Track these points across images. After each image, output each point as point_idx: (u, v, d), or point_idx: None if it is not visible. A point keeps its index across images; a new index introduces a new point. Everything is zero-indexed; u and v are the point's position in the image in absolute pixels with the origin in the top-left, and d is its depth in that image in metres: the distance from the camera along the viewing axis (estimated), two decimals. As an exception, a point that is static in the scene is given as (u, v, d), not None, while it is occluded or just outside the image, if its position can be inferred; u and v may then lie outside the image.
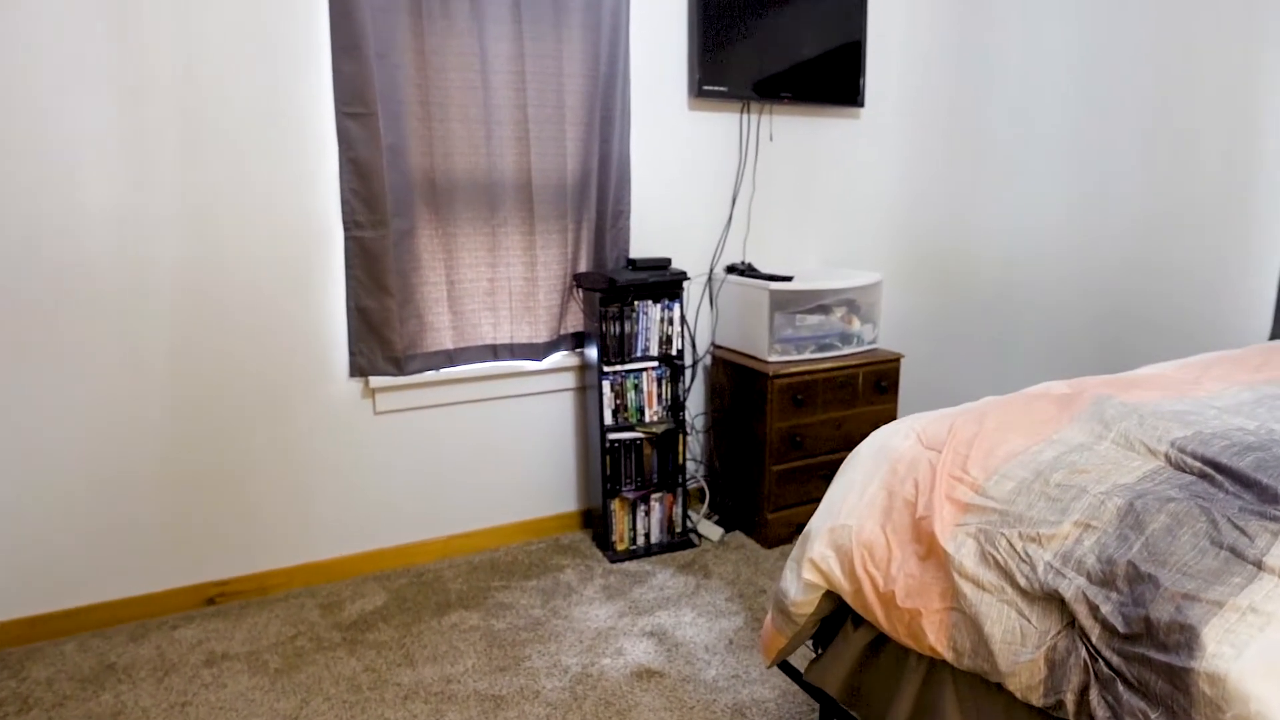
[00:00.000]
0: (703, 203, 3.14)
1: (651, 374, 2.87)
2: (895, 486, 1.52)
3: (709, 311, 3.21)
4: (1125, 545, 1.22)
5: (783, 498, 2.93)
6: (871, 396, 3.02)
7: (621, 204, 2.97)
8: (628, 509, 2.91)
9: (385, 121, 2.53)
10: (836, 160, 3.36)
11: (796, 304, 2.92)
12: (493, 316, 2.82)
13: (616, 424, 2.85)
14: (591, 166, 2.87)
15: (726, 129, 3.12)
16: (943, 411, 1.68)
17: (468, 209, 2.72)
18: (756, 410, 2.91)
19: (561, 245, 2.87)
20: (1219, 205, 3.03)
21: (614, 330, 2.79)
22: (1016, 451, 1.46)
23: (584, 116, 2.82)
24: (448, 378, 2.78)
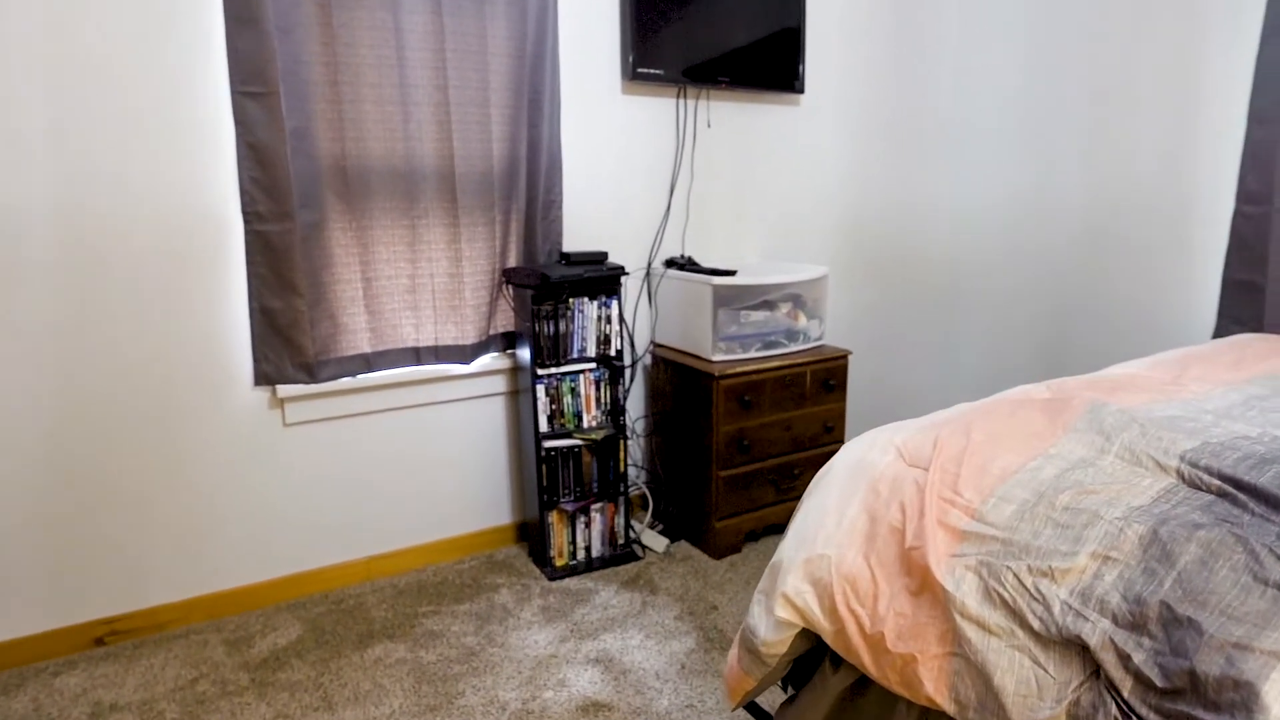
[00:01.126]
0: (639, 193, 2.90)
1: (589, 376, 2.62)
2: (878, 510, 1.31)
3: (648, 308, 2.98)
4: (1154, 581, 1.04)
5: (730, 505, 2.72)
6: (819, 396, 2.84)
7: (553, 194, 2.71)
8: (566, 522, 2.66)
9: (288, 102, 2.21)
10: (777, 149, 3.17)
11: (741, 300, 2.72)
12: (414, 317, 2.53)
13: (553, 431, 2.59)
14: (520, 153, 2.59)
15: (662, 115, 2.89)
16: (921, 422, 1.48)
17: (384, 199, 2.42)
18: (701, 413, 2.69)
19: (489, 239, 2.59)
20: (1160, 200, 2.96)
21: (548, 330, 2.53)
22: (1012, 469, 1.28)
23: (510, 99, 2.54)
24: (366, 384, 2.47)
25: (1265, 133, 2.63)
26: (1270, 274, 2.65)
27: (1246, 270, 2.72)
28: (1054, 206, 3.31)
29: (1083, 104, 3.15)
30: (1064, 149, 3.24)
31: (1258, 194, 2.67)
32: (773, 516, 2.83)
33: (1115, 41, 3.03)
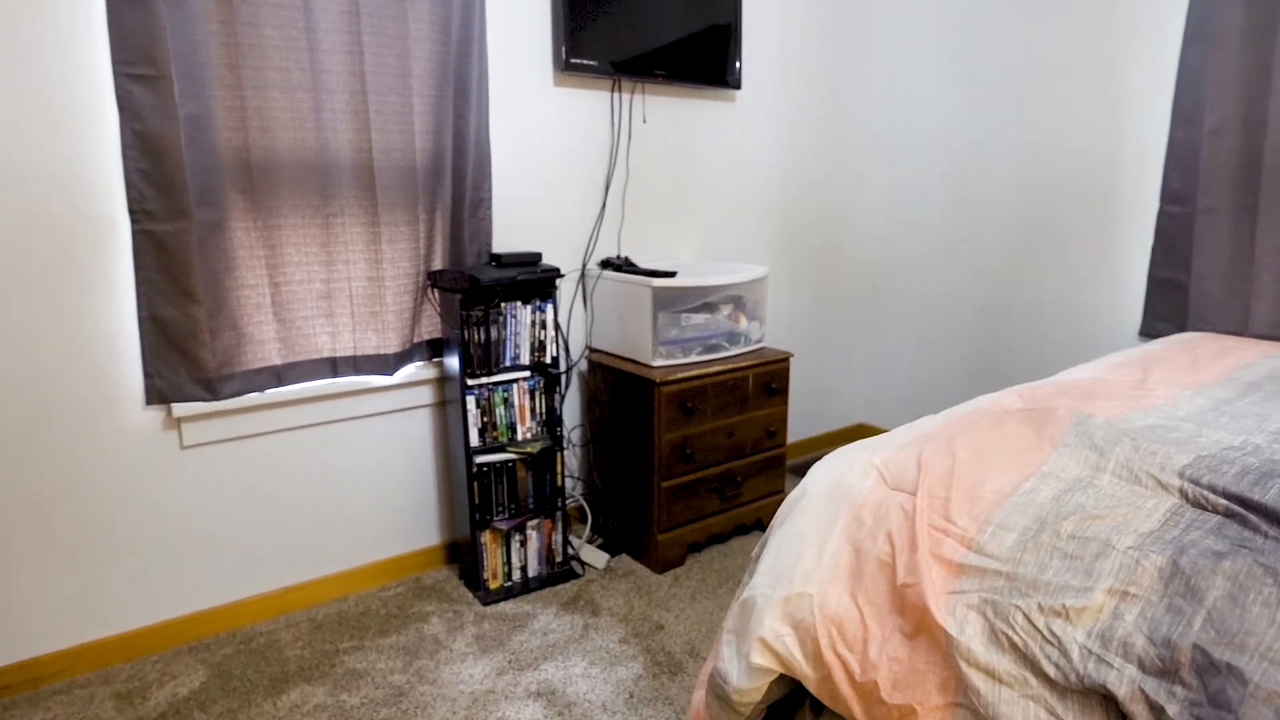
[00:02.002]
0: (573, 190, 2.71)
1: (523, 385, 2.42)
2: (863, 541, 1.17)
3: (583, 311, 2.79)
4: (1181, 620, 0.93)
5: (673, 516, 2.57)
6: (761, 400, 2.71)
7: (481, 191, 2.49)
8: (500, 541, 2.45)
9: (181, 86, 1.93)
10: (713, 146, 3.03)
11: (681, 302, 2.56)
12: (330, 325, 2.27)
13: (484, 445, 2.38)
14: (445, 146, 2.37)
15: (597, 109, 2.70)
16: (897, 437, 1.35)
17: (294, 196, 2.16)
18: (642, 421, 2.53)
19: (412, 239, 2.35)
20: (1087, 200, 2.94)
21: (478, 337, 2.32)
22: (1005, 491, 1.15)
23: (435, 87, 2.31)
24: (276, 400, 2.21)
25: (1188, 134, 2.64)
26: (1194, 272, 2.66)
27: (1171, 268, 2.73)
28: (983, 207, 3.28)
29: (1009, 105, 3.12)
30: (991, 150, 3.21)
31: (1181, 194, 2.67)
32: (716, 526, 2.69)
33: (1042, 44, 3.01)
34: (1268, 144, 2.45)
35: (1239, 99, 2.50)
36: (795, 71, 3.21)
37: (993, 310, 3.29)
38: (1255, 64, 2.46)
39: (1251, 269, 2.52)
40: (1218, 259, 2.61)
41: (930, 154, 3.43)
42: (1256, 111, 2.47)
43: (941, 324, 3.48)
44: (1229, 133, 2.54)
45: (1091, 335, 2.99)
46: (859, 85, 3.45)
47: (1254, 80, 2.47)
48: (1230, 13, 2.48)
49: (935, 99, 3.38)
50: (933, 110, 3.39)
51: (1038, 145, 3.07)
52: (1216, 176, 2.58)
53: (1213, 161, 2.58)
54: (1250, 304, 2.54)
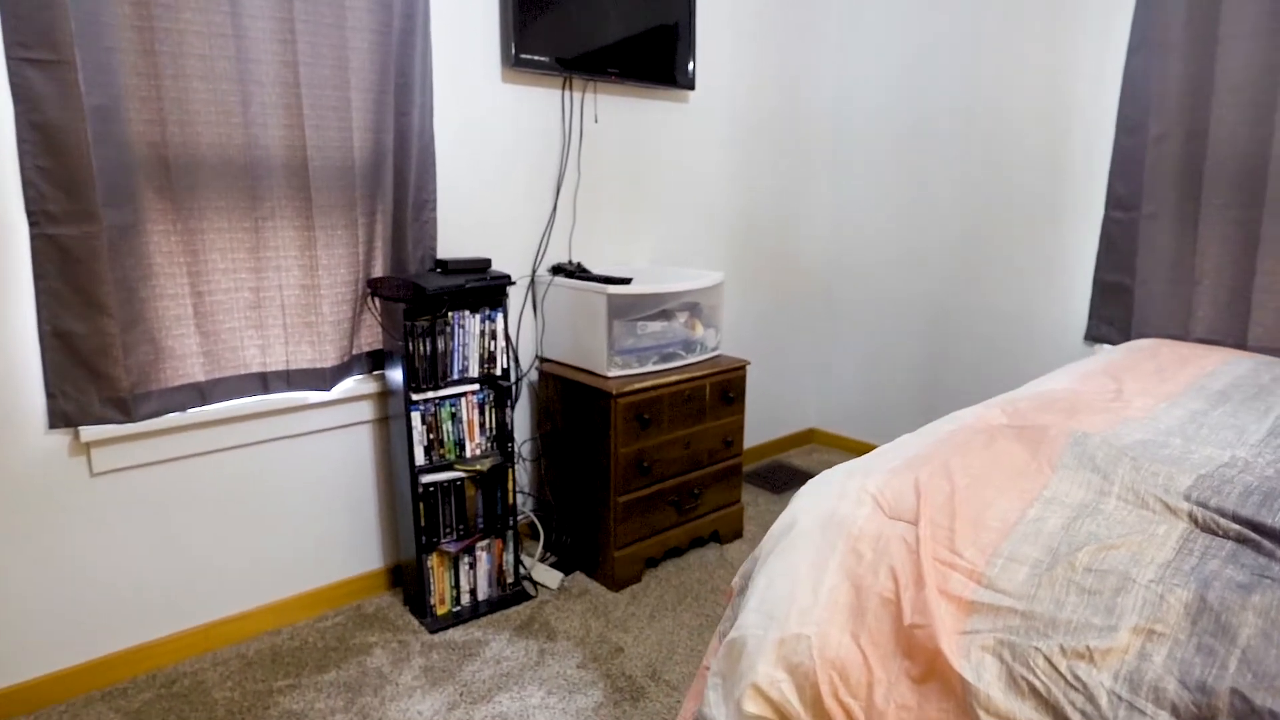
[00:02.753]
0: (522, 193, 2.57)
1: (472, 399, 2.27)
2: (863, 577, 1.08)
3: (533, 320, 2.65)
4: (1214, 662, 0.86)
5: (630, 532, 2.45)
6: (719, 409, 2.62)
7: (425, 192, 2.33)
8: (448, 564, 2.29)
9: (88, 74, 1.72)
10: (667, 147, 2.92)
11: (638, 310, 2.45)
12: (260, 337, 2.08)
13: (431, 463, 2.22)
14: (386, 144, 2.20)
15: (547, 107, 2.57)
16: (887, 460, 1.27)
17: (219, 196, 1.96)
18: (597, 434, 2.40)
19: (350, 244, 2.18)
20: (1033, 206, 2.94)
21: (423, 349, 2.16)
22: (1010, 519, 1.08)
23: (374, 80, 2.14)
24: (199, 420, 2.01)
25: (1132, 141, 2.65)
26: (1138, 276, 2.68)
27: (1116, 273, 2.75)
28: (930, 212, 3.26)
29: (958, 112, 3.11)
30: (940, 156, 3.20)
31: (1126, 200, 2.69)
32: (673, 540, 2.59)
33: (990, 52, 3.00)
34: (1209, 151, 2.47)
35: (1181, 107, 2.53)
36: (748, 73, 3.13)
37: (941, 315, 3.28)
38: (1197, 73, 2.48)
39: (1193, 274, 2.55)
40: (1161, 264, 2.63)
41: (879, 159, 3.41)
42: (1198, 120, 2.50)
43: (891, 328, 3.46)
44: (1172, 140, 2.56)
45: (1038, 339, 3.00)
46: (809, 88, 3.40)
47: (1196, 89, 2.49)
48: (1173, 22, 2.50)
49: (879, 105, 3.35)
50: (882, 116, 3.36)
51: (986, 151, 3.06)
52: (1160, 183, 2.60)
53: (1156, 168, 2.60)
54: (1191, 308, 2.57)
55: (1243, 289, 2.46)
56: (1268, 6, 2.31)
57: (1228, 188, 2.46)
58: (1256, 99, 2.37)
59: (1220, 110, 2.44)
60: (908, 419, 3.44)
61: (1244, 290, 2.45)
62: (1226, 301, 2.50)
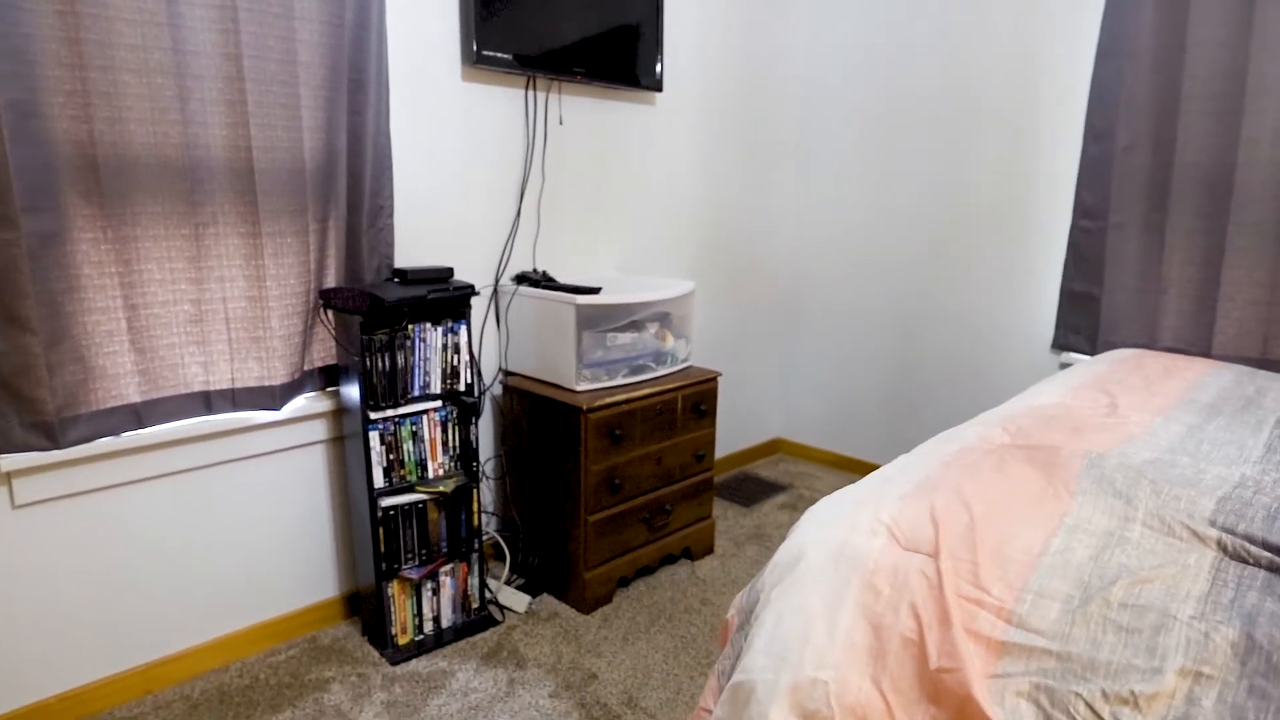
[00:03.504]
0: (484, 198, 2.43)
1: (434, 417, 2.13)
2: (882, 616, 0.99)
3: (496, 331, 2.52)
4: (1269, 706, 0.79)
5: (601, 551, 2.34)
6: (690, 422, 2.53)
7: (381, 198, 2.18)
8: (410, 591, 2.15)
9: (1, 64, 1.54)
10: (634, 151, 2.81)
11: (607, 320, 2.33)
12: (202, 353, 1.91)
13: (391, 485, 2.08)
14: (339, 145, 2.05)
15: (510, 108, 2.44)
16: (896, 485, 1.18)
17: (155, 201, 1.79)
18: (567, 450, 2.28)
19: (301, 252, 2.02)
20: (1000, 214, 2.91)
21: (382, 364, 2.01)
22: (1034, 550, 1.00)
23: (326, 77, 1.99)
24: (135, 444, 1.83)
25: (1100, 150, 2.64)
26: (1105, 286, 2.67)
27: (1083, 282, 2.74)
28: (896, 220, 3.22)
29: (924, 119, 3.08)
30: (906, 163, 3.16)
31: (1094, 209, 2.68)
32: (644, 558, 2.48)
33: (957, 56, 2.97)
34: (1176, 161, 2.47)
35: (1149, 116, 2.52)
36: (715, 75, 3.04)
37: (908, 323, 3.24)
38: (1165, 82, 2.48)
39: (1160, 283, 2.55)
40: (1128, 273, 2.63)
41: (845, 166, 3.35)
42: (1165, 129, 2.49)
43: (857, 337, 3.41)
44: (1140, 149, 2.55)
45: (1005, 348, 2.98)
46: (776, 93, 3.33)
47: (1163, 98, 2.49)
48: (1141, 32, 2.49)
49: (845, 111, 3.30)
50: (848, 123, 3.31)
51: (952, 159, 3.03)
52: (1127, 192, 2.59)
53: (1124, 178, 2.59)
54: (1158, 317, 2.56)
55: (1208, 299, 2.46)
56: (1234, 15, 2.31)
57: (1194, 198, 2.46)
58: (1223, 108, 2.38)
59: (1187, 119, 2.44)
60: (874, 428, 3.40)
61: (1209, 300, 2.46)
62: (1192, 311, 2.50)
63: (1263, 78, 2.30)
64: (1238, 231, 2.37)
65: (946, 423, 3.16)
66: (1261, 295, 2.35)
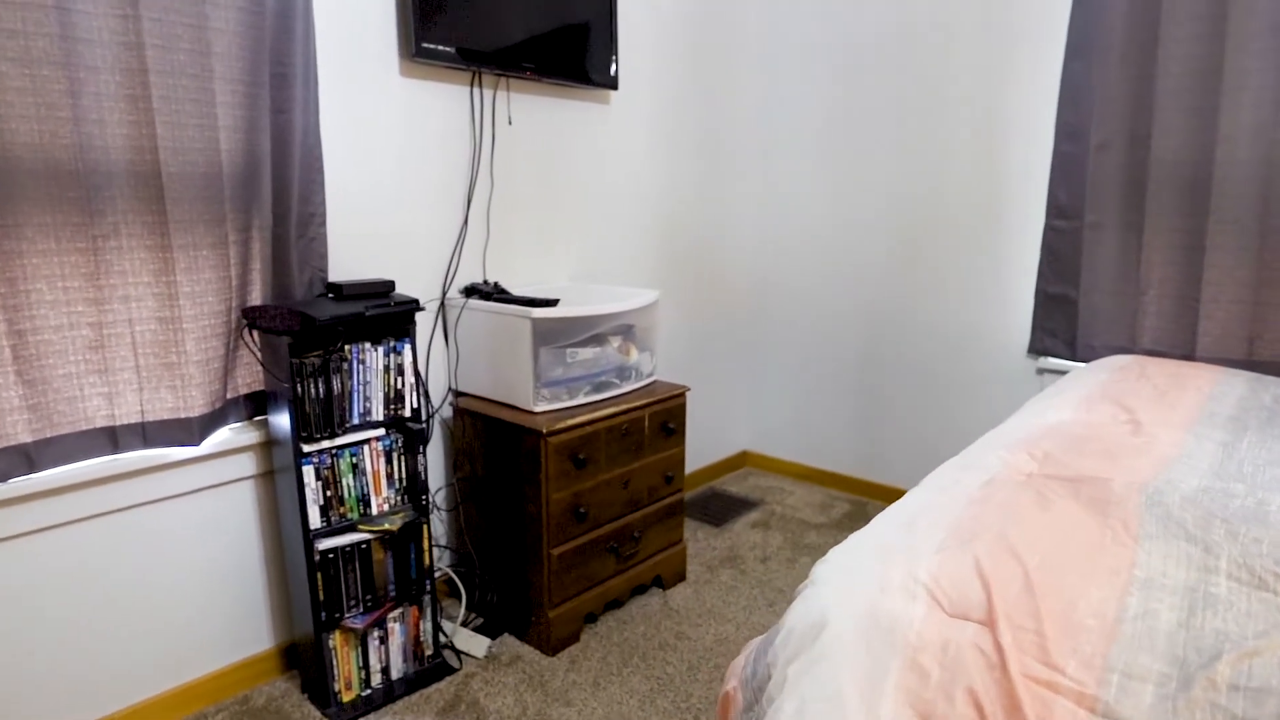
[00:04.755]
0: (428, 204, 2.23)
1: (377, 447, 1.92)
2: (934, 704, 0.82)
3: (444, 348, 2.31)
4: None
5: (566, 587, 2.15)
6: (658, 442, 2.35)
7: (311, 205, 1.96)
8: (355, 642, 1.93)
9: None
10: (589, 152, 2.64)
11: (566, 335, 2.15)
12: (105, 383, 1.67)
13: (329, 525, 1.86)
14: (261, 147, 1.83)
15: (454, 105, 2.24)
16: (926, 534, 1.01)
17: (43, 210, 1.55)
18: (525, 478, 2.09)
19: (220, 266, 1.79)
20: (971, 215, 2.81)
21: (315, 390, 1.79)
22: (1108, 613, 0.84)
23: (245, 69, 1.77)
24: (27, 491, 1.58)
25: (1074, 148, 2.55)
26: (1082, 287, 2.58)
27: (1059, 284, 2.65)
28: (862, 223, 3.10)
29: (889, 118, 2.97)
30: (870, 164, 3.04)
31: (1068, 209, 2.59)
32: (613, 591, 2.29)
33: (921, 54, 2.87)
34: (1152, 159, 2.39)
35: (1123, 113, 2.44)
36: (672, 73, 2.89)
37: (878, 329, 3.12)
38: (1138, 78, 2.40)
39: (1138, 284, 2.46)
40: (1105, 274, 2.54)
41: (808, 169, 3.23)
42: (1140, 125, 2.41)
43: (825, 345, 3.28)
44: (1114, 148, 2.47)
45: (979, 352, 2.88)
46: (735, 90, 3.18)
47: (1137, 95, 2.41)
48: (1112, 26, 2.41)
49: (808, 112, 3.18)
50: (809, 123, 3.19)
51: (920, 159, 2.92)
52: (1103, 191, 2.51)
53: (1099, 176, 2.51)
54: (1138, 319, 2.48)
55: (1189, 299, 2.38)
56: (1208, 9, 2.24)
57: (1172, 196, 2.38)
58: (1199, 104, 2.30)
59: (1163, 116, 2.36)
60: (844, 440, 3.27)
61: (1190, 300, 2.38)
62: (1174, 312, 2.42)
63: (1239, 73, 2.22)
64: (1218, 229, 2.30)
65: (920, 433, 3.04)
66: (1244, 294, 2.28)
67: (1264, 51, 2.19)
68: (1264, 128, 2.21)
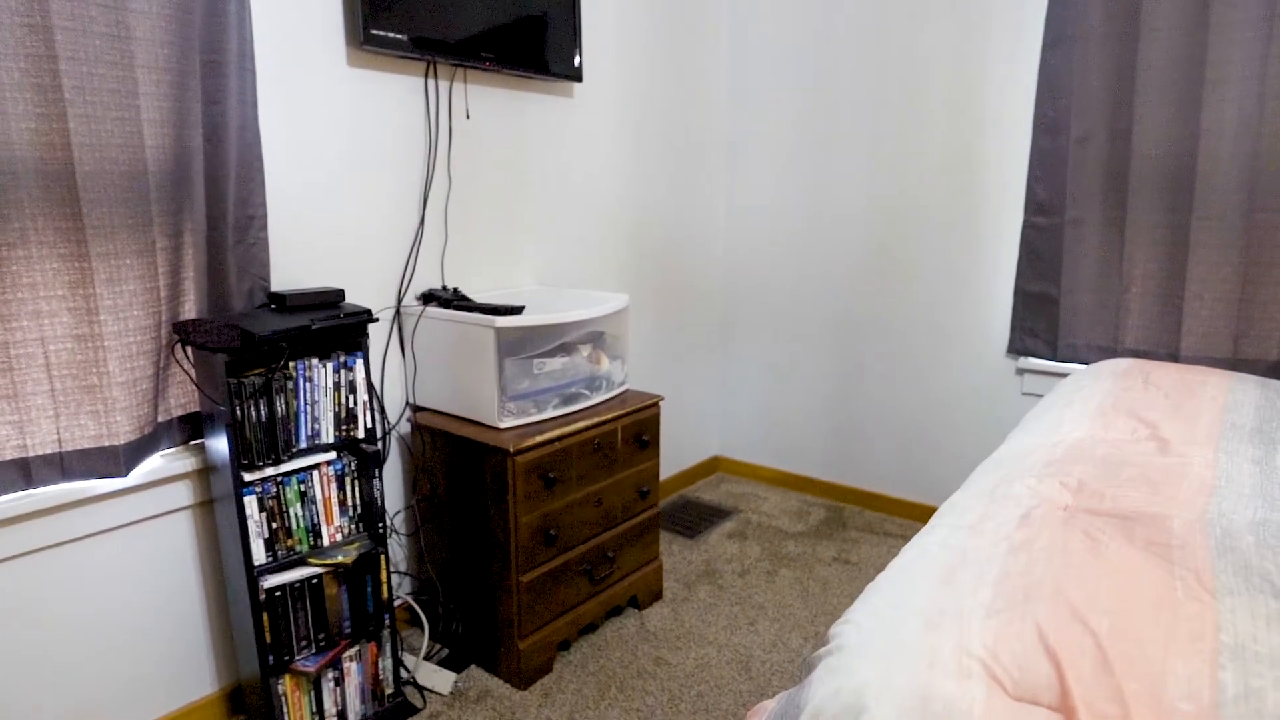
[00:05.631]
0: (381, 204, 2.07)
1: (328, 472, 1.76)
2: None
3: (399, 359, 2.16)
4: None
5: (537, 615, 2.01)
6: (632, 455, 2.23)
7: (251, 206, 1.79)
8: (308, 685, 1.77)
9: None
10: (553, 149, 2.50)
11: (532, 344, 2.01)
12: (14, 410, 1.49)
13: (276, 560, 1.69)
14: (192, 142, 1.65)
15: (408, 98, 2.08)
16: (966, 588, 0.89)
17: (-65, 216, 1.37)
18: (491, 499, 1.95)
19: (147, 277, 1.62)
20: (949, 212, 2.73)
21: (257, 412, 1.63)
22: (1203, 694, 0.73)
23: (171, 56, 1.59)
24: (-79, 535, 1.40)
25: (1053, 142, 2.49)
26: (1063, 285, 2.52)
27: (1039, 282, 2.58)
28: (835, 220, 3.01)
29: (862, 111, 2.88)
30: (843, 160, 2.95)
31: (1048, 204, 2.53)
32: (587, 615, 2.16)
33: (894, 43, 2.78)
34: (1134, 153, 2.33)
35: (1103, 106, 2.38)
36: (639, 65, 2.76)
37: (852, 329, 3.04)
38: (1118, 69, 2.34)
39: (1121, 282, 2.41)
40: (1087, 272, 2.48)
41: (779, 164, 3.13)
42: (1121, 119, 2.35)
43: (798, 345, 3.19)
44: (1094, 141, 2.41)
45: (956, 353, 2.81)
46: (703, 83, 3.07)
47: (1117, 87, 2.35)
48: (1091, 15, 2.35)
49: (781, 104, 3.07)
50: (779, 116, 3.08)
51: (893, 154, 2.84)
52: (1083, 186, 2.45)
53: (1079, 171, 2.45)
54: (1121, 317, 2.43)
55: (1173, 297, 2.33)
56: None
57: (1155, 191, 2.33)
58: (1181, 96, 2.25)
59: (1144, 108, 2.30)
60: (819, 443, 3.18)
61: (1175, 298, 2.33)
62: (1157, 311, 2.37)
63: (1222, 64, 2.18)
64: (1202, 226, 2.25)
65: (896, 435, 2.97)
66: (1229, 292, 2.23)
67: (1247, 42, 2.14)
68: (1248, 121, 2.16)
